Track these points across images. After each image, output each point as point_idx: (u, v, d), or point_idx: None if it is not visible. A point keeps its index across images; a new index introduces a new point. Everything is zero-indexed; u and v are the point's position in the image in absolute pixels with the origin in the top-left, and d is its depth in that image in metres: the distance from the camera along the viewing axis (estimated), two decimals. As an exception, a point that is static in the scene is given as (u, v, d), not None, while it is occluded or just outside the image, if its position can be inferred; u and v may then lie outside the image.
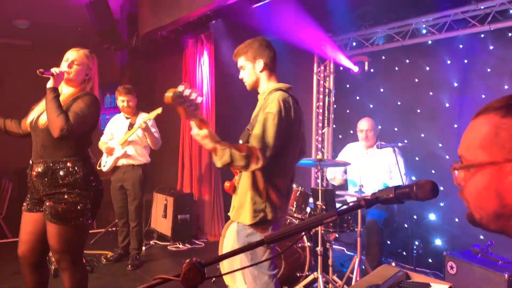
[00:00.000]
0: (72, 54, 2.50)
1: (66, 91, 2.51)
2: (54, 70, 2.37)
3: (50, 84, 2.36)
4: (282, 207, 2.25)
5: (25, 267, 2.49)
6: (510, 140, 0.75)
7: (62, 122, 2.28)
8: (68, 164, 2.40)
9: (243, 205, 2.20)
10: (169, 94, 1.87)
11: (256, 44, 2.32)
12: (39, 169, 2.39)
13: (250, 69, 2.30)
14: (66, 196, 2.37)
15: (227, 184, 2.37)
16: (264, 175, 2.16)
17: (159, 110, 4.12)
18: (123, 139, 4.28)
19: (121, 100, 4.33)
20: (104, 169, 4.38)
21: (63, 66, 2.47)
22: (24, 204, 2.52)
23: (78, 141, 2.45)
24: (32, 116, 2.50)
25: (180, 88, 1.88)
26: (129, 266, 4.27)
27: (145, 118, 4.14)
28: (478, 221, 0.81)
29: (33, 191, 2.46)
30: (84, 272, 2.61)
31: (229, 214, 2.34)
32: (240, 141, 2.23)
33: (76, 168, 2.41)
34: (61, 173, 2.38)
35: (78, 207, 2.39)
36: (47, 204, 2.39)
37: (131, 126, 4.32)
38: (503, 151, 0.75)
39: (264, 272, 2.18)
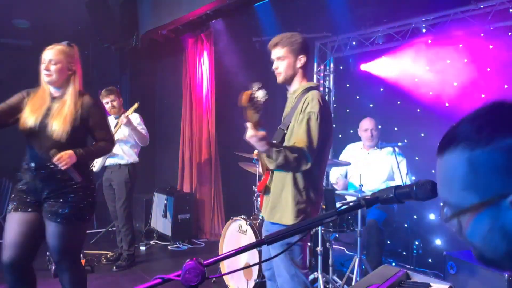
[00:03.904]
0: (48, 54, 2.42)
1: (58, 93, 2.45)
2: (61, 165, 2.32)
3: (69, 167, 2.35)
4: (319, 206, 2.28)
5: (13, 274, 2.35)
6: (493, 173, 0.66)
7: (109, 148, 2.57)
8: (75, 165, 2.40)
9: (277, 204, 2.20)
10: (243, 96, 1.82)
11: (301, 39, 2.26)
12: (48, 172, 2.38)
13: (291, 62, 2.24)
14: (72, 196, 2.39)
15: (259, 184, 2.36)
16: (305, 174, 2.17)
17: (135, 105, 4.11)
18: None
19: (106, 103, 4.31)
20: (95, 169, 4.37)
21: (42, 69, 2.41)
22: (12, 205, 2.40)
23: (82, 144, 2.48)
24: (31, 119, 2.37)
25: (254, 89, 1.85)
26: (114, 267, 4.26)
27: (125, 114, 4.10)
28: (492, 261, 0.72)
29: (30, 193, 2.42)
30: (84, 272, 2.62)
31: (261, 214, 2.34)
32: (274, 141, 2.22)
33: (81, 169, 2.44)
34: (69, 175, 2.39)
35: (84, 206, 2.43)
36: (50, 203, 2.37)
37: (117, 125, 4.31)
38: (492, 187, 0.66)
39: (300, 270, 2.21)
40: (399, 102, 4.91)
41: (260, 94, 1.85)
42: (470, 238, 0.72)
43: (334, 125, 5.78)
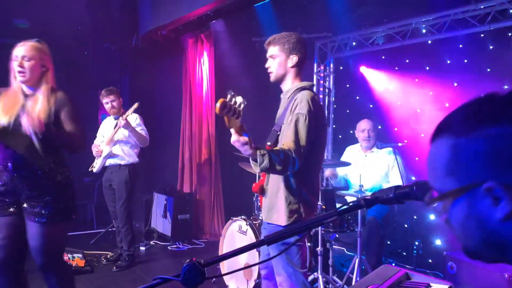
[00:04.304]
0: (20, 50, 2.34)
1: (30, 91, 2.37)
2: (28, 125, 2.21)
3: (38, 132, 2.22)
4: (314, 206, 2.29)
5: (4, 276, 2.32)
6: (473, 160, 0.67)
7: (79, 139, 2.37)
8: (55, 163, 2.37)
9: (274, 206, 2.22)
10: (217, 105, 1.83)
11: (295, 38, 2.26)
12: (28, 172, 2.31)
13: (282, 61, 2.26)
14: (56, 195, 2.34)
15: (254, 185, 2.35)
16: (297, 175, 2.17)
17: (135, 105, 4.10)
18: (108, 139, 4.27)
19: (105, 103, 4.30)
20: (95, 170, 4.37)
21: (14, 66, 2.33)
22: None
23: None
24: (2, 119, 2.29)
25: (228, 97, 1.86)
26: (114, 267, 4.26)
27: (124, 116, 4.08)
28: (474, 253, 0.73)
29: (8, 194, 2.33)
30: (71, 273, 2.55)
31: (261, 215, 2.35)
32: (268, 143, 2.23)
33: (61, 166, 2.40)
34: (49, 174, 2.34)
35: (68, 204, 2.39)
36: (33, 204, 2.30)
37: (117, 125, 4.30)
38: (471, 174, 0.67)
39: (299, 269, 2.22)
40: (399, 102, 4.92)
41: (238, 100, 1.87)
42: (453, 223, 0.73)
43: (334, 126, 5.88)
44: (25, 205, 2.32)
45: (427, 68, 4.68)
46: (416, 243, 4.30)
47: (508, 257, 0.69)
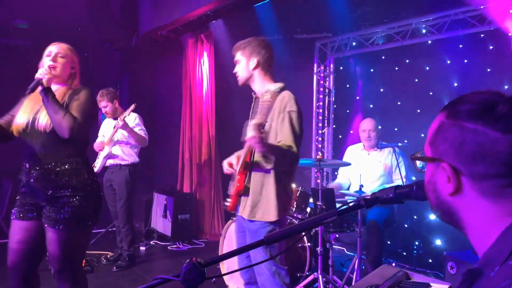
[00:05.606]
0: (54, 47, 2.36)
1: (55, 89, 2.33)
2: (39, 73, 2.22)
3: (43, 85, 2.20)
4: (291, 199, 2.41)
5: (15, 279, 2.29)
6: (444, 141, 0.80)
7: (71, 121, 2.18)
8: (72, 165, 2.28)
9: (258, 202, 2.25)
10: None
11: (254, 42, 2.40)
12: (41, 173, 2.23)
13: (244, 65, 2.40)
14: (72, 199, 2.24)
15: (237, 185, 2.35)
16: (284, 171, 2.25)
17: (132, 106, 4.11)
18: (108, 139, 4.28)
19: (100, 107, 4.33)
20: (95, 170, 4.38)
21: (46, 62, 2.32)
22: (14, 211, 2.31)
23: (79, 140, 2.33)
24: (22, 119, 2.28)
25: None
26: (114, 267, 4.26)
27: (121, 117, 4.08)
28: (434, 210, 0.86)
29: (28, 197, 2.29)
30: (86, 280, 2.46)
31: (239, 214, 2.34)
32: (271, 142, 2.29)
33: (79, 169, 2.29)
34: (66, 175, 2.25)
35: (85, 210, 2.28)
36: (49, 208, 2.23)
37: (115, 126, 4.29)
38: (438, 150, 0.81)
39: (281, 266, 2.26)
40: (399, 103, 4.92)
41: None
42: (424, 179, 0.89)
43: (334, 126, 5.87)
44: (43, 209, 2.26)
45: (427, 68, 4.68)
46: (416, 243, 4.30)
47: (458, 225, 0.82)
